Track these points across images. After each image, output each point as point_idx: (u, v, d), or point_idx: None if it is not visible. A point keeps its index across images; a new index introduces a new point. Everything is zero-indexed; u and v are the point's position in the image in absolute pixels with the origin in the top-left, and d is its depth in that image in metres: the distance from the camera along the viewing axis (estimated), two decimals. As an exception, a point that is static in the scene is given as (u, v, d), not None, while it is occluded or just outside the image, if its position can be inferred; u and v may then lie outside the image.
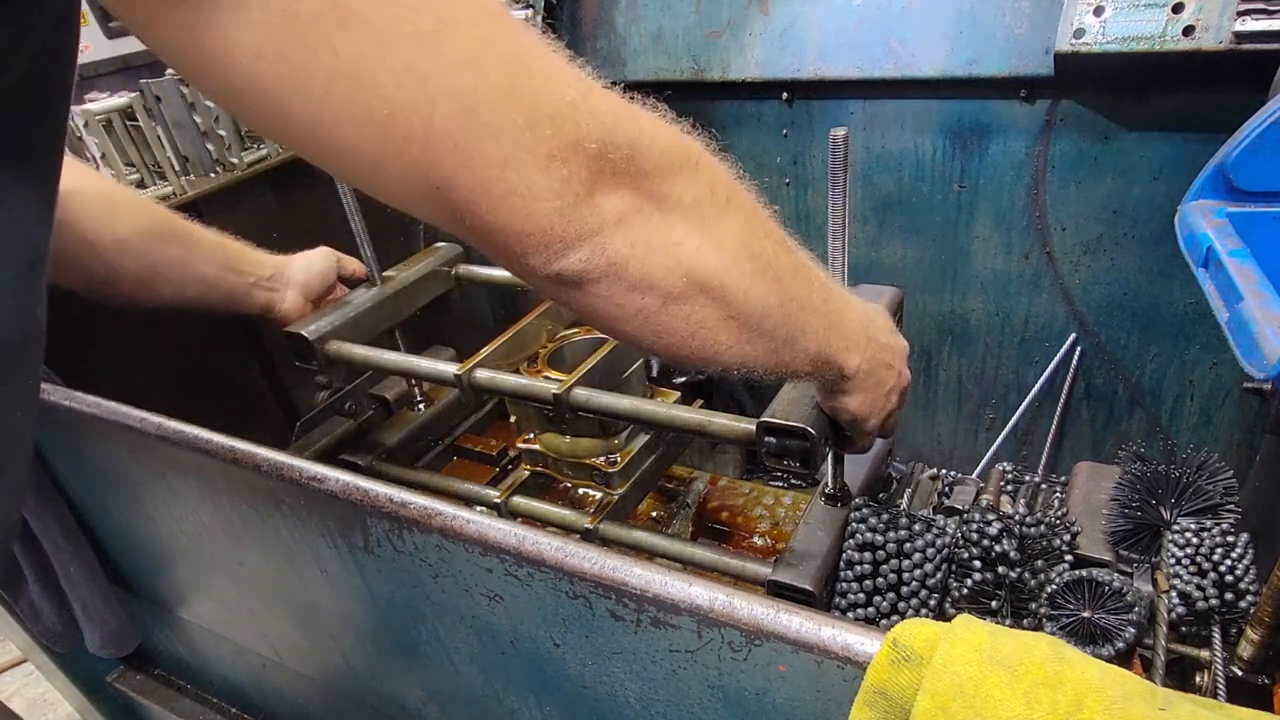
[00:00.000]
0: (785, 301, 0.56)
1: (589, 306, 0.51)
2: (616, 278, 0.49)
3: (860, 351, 0.68)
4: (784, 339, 0.58)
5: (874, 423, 0.77)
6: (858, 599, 0.89)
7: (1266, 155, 0.92)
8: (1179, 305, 1.48)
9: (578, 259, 0.47)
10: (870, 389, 0.72)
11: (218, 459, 0.78)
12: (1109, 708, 0.40)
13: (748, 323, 0.54)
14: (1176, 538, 0.85)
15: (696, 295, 0.51)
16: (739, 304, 0.53)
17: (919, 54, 1.45)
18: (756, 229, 0.55)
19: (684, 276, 0.50)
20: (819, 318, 0.61)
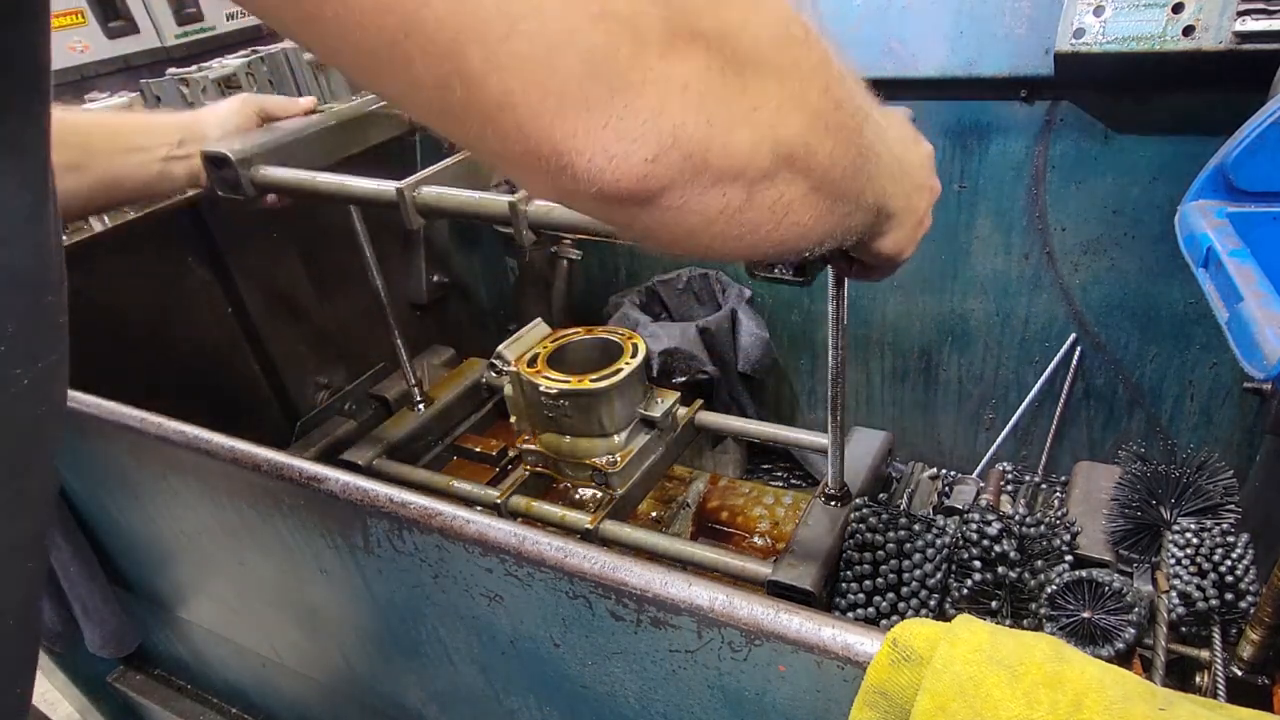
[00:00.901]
0: (859, 153, 0.47)
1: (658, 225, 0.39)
2: (695, 173, 0.37)
3: (899, 182, 0.57)
4: (854, 197, 0.49)
5: (908, 255, 0.66)
6: (858, 599, 0.89)
7: (1266, 155, 0.92)
8: (1179, 305, 1.48)
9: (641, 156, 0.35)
10: (907, 225, 0.62)
11: (218, 459, 0.78)
12: (1109, 708, 0.40)
13: (829, 190, 0.45)
14: (1176, 538, 0.85)
15: (782, 170, 0.41)
16: (822, 170, 0.43)
17: (919, 54, 1.45)
18: (831, 70, 0.43)
19: (771, 149, 0.39)
20: (878, 161, 0.51)
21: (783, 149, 0.40)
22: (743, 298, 1.82)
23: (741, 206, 0.40)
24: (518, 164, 0.35)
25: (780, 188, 0.41)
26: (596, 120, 0.33)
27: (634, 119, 0.34)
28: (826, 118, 0.42)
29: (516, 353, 1.18)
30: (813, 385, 2.01)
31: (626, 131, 0.34)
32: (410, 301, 1.86)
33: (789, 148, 0.40)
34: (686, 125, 0.35)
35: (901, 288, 1.73)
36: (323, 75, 1.72)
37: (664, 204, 0.38)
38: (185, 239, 1.37)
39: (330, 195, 1.00)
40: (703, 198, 0.38)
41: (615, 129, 0.34)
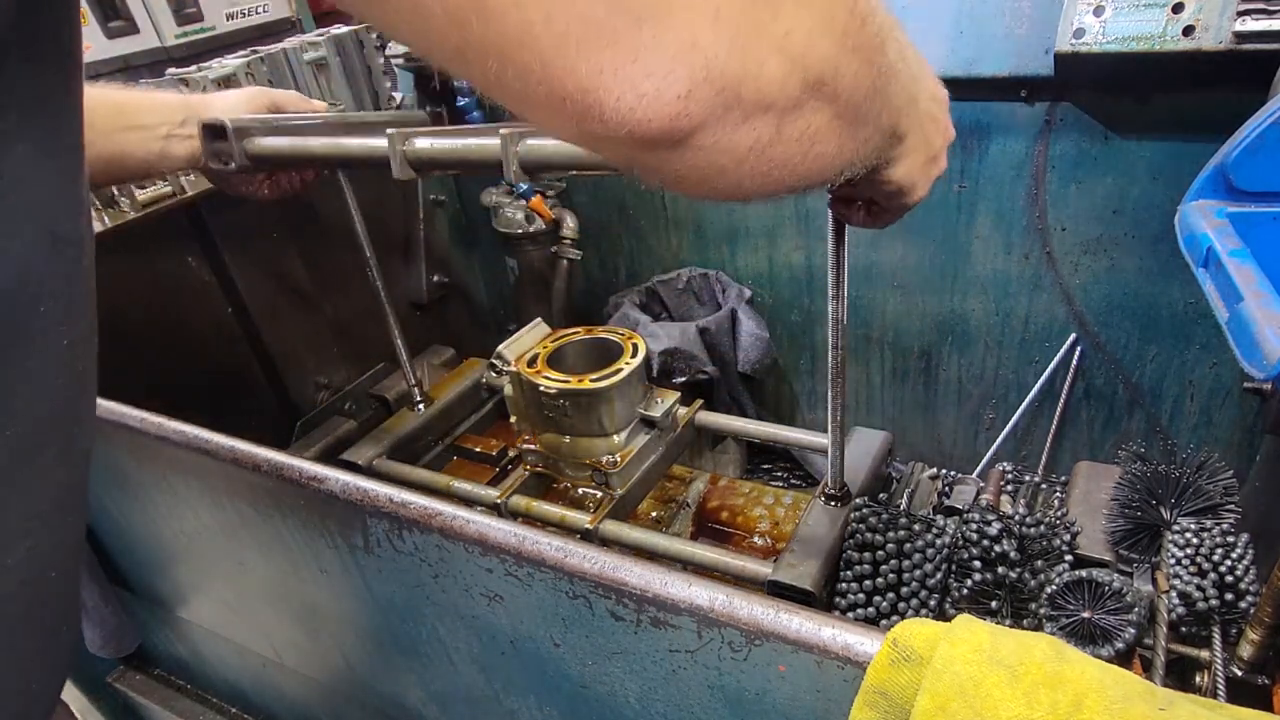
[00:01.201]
0: (879, 72, 0.43)
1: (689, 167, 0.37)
2: (727, 108, 0.34)
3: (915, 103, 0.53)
4: (874, 120, 0.46)
5: (921, 191, 0.63)
6: (858, 599, 0.89)
7: (1266, 155, 0.92)
8: (1179, 305, 1.48)
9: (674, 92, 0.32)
10: (920, 152, 0.58)
11: (218, 459, 0.78)
12: (1109, 708, 0.40)
13: (851, 114, 0.42)
14: (1176, 538, 0.85)
15: (810, 100, 0.38)
16: (847, 93, 0.40)
17: (919, 54, 1.45)
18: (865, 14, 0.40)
19: (801, 76, 0.36)
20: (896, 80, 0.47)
21: (812, 75, 0.37)
22: (743, 298, 1.82)
23: (772, 140, 0.38)
24: (542, 107, 0.33)
25: (808, 117, 0.39)
26: (624, 54, 0.31)
27: (664, 52, 0.31)
28: (854, 37, 0.39)
29: (516, 353, 1.18)
30: (813, 385, 2.01)
31: (657, 66, 0.32)
32: (410, 301, 1.86)
33: (818, 73, 0.37)
34: (720, 56, 0.33)
35: (901, 288, 1.73)
36: (323, 76, 1.72)
37: (696, 143, 0.35)
38: (185, 239, 1.37)
39: (324, 158, 1.00)
40: (734, 135, 0.36)
41: (645, 63, 0.31)
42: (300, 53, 1.67)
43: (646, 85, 0.32)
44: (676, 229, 1.94)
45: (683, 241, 1.95)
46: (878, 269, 1.72)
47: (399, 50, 1.81)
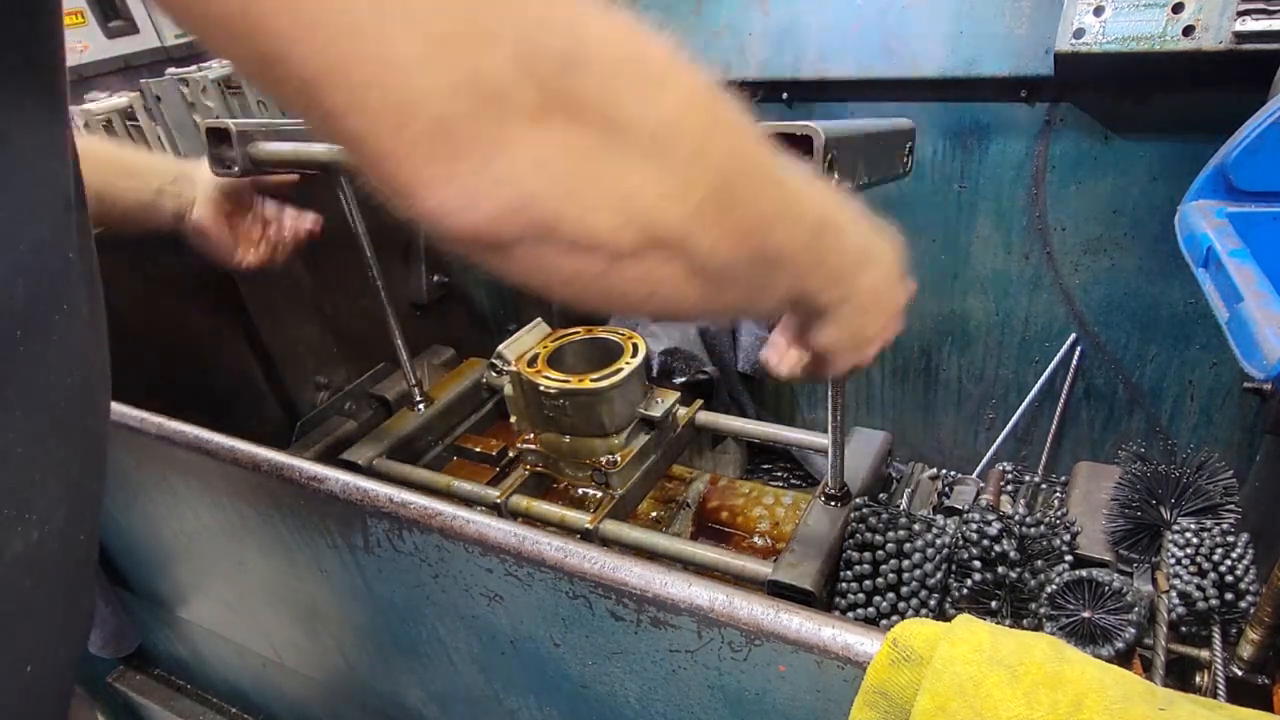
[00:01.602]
0: (763, 252, 0.46)
1: (514, 271, 0.40)
2: (543, 238, 0.37)
3: (844, 286, 0.58)
4: (758, 287, 0.49)
5: (847, 361, 0.65)
6: (858, 599, 0.89)
7: (1266, 155, 0.92)
8: (1179, 305, 1.48)
9: (484, 213, 0.35)
10: (848, 322, 0.61)
11: (218, 459, 0.78)
12: (1109, 708, 0.40)
13: (716, 278, 0.44)
14: (1176, 538, 0.85)
15: (653, 252, 0.40)
16: (704, 259, 0.42)
17: (919, 54, 1.45)
18: (737, 165, 0.42)
19: (639, 232, 0.38)
20: (802, 261, 0.51)
21: (655, 233, 0.39)
22: (743, 298, 1.82)
23: (603, 273, 0.40)
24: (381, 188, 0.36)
25: (649, 266, 0.41)
26: (440, 174, 0.33)
27: (480, 181, 0.34)
28: (717, 214, 0.41)
29: (516, 353, 1.18)
30: (813, 385, 2.01)
31: (471, 190, 0.34)
32: (410, 301, 1.86)
33: (663, 233, 0.40)
34: (539, 196, 0.35)
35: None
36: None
37: (514, 255, 0.38)
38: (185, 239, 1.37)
39: (326, 163, 1.01)
40: (555, 259, 0.38)
41: (460, 186, 0.34)
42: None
43: (456, 203, 0.34)
44: (676, 229, 1.94)
45: (683, 241, 1.95)
46: (878, 269, 1.72)
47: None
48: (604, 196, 0.37)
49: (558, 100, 0.34)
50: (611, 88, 0.36)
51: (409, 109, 0.31)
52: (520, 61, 0.33)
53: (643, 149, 0.37)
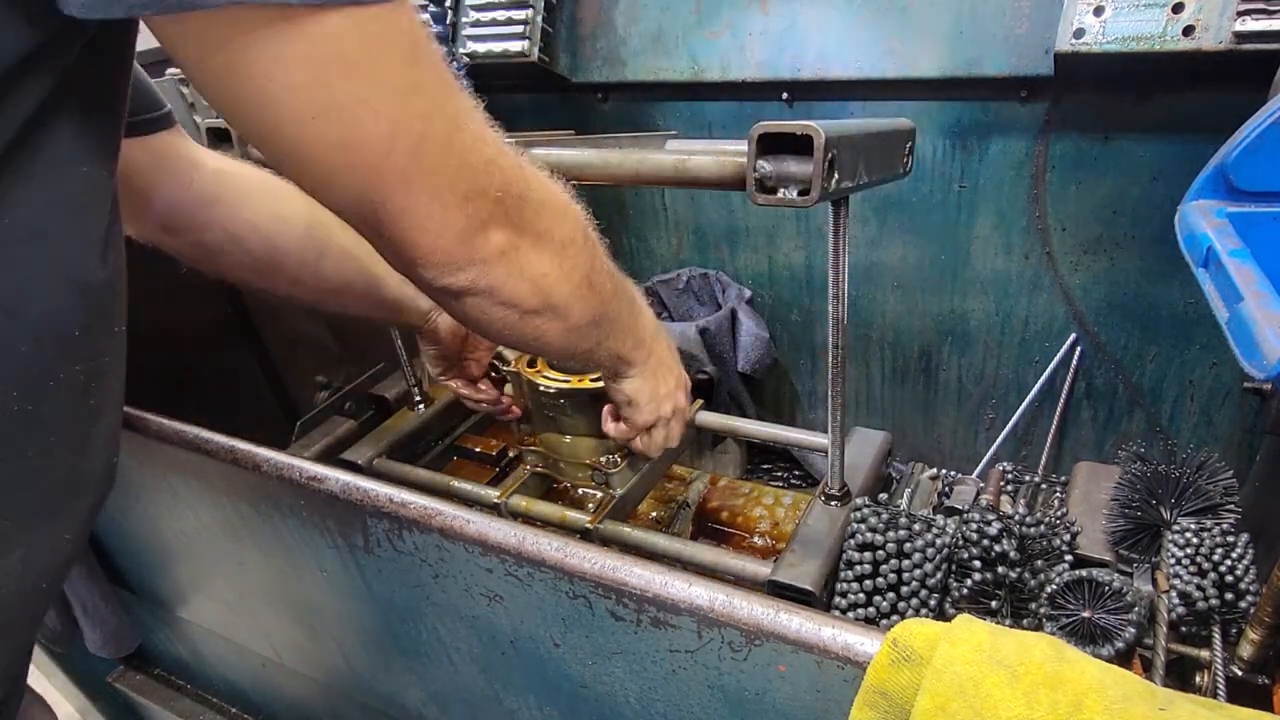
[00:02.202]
0: (604, 316, 0.74)
1: (463, 312, 0.63)
2: (490, 295, 0.61)
3: (646, 349, 0.87)
4: (598, 340, 0.76)
5: (646, 412, 0.92)
6: (858, 599, 0.89)
7: (1266, 155, 0.92)
8: (1179, 305, 1.48)
9: (465, 278, 0.59)
10: (648, 377, 0.89)
11: (218, 459, 0.78)
12: (1109, 708, 0.40)
13: (577, 331, 0.71)
14: (1176, 538, 0.85)
15: (547, 312, 0.66)
16: (575, 319, 0.69)
17: (919, 54, 1.45)
18: (597, 264, 0.70)
19: (541, 299, 0.64)
20: (625, 326, 0.80)
21: (550, 301, 0.65)
22: (743, 298, 1.82)
23: (516, 323, 0.65)
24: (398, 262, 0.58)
25: (543, 320, 0.66)
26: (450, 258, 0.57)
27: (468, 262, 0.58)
28: (583, 291, 0.68)
29: (516, 352, 1.18)
30: (813, 385, 2.01)
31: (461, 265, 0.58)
32: (410, 301, 1.85)
33: (553, 302, 0.65)
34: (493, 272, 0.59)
35: (901, 287, 1.73)
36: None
37: (469, 303, 0.61)
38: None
39: None
40: (492, 309, 0.62)
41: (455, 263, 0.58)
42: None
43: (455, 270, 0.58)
44: (676, 229, 1.94)
45: (683, 241, 1.95)
46: (878, 269, 1.72)
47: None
48: (527, 275, 0.62)
49: (514, 221, 0.59)
50: (540, 215, 0.61)
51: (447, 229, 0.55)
52: (499, 203, 0.57)
53: (553, 253, 0.63)
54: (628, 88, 1.77)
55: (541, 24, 1.66)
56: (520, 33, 1.66)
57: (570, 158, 0.84)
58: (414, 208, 0.53)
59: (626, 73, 1.71)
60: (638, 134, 1.08)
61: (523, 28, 1.66)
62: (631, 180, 0.82)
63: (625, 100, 1.81)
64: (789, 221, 1.79)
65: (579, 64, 1.75)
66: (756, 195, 0.69)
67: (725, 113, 1.74)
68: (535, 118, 1.91)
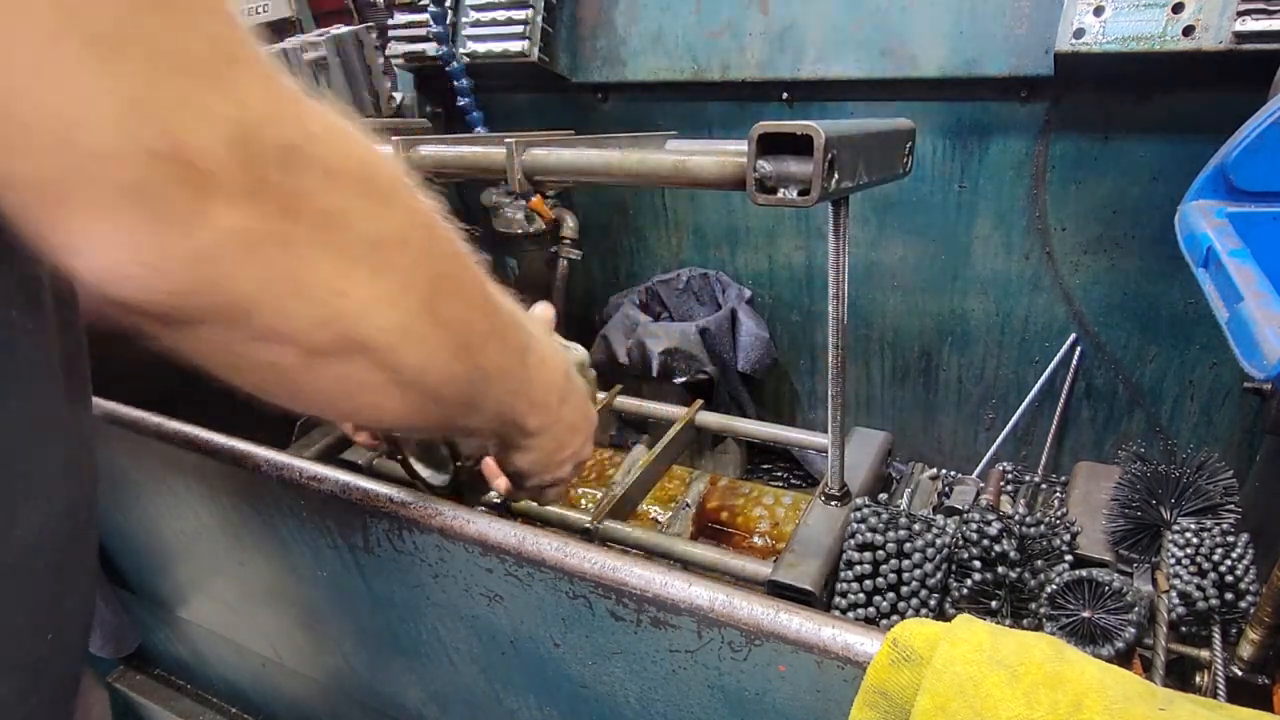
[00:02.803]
0: (473, 370, 0.49)
1: (190, 350, 0.38)
2: (233, 322, 0.36)
3: (546, 414, 0.63)
4: (465, 405, 0.51)
5: (535, 483, 0.72)
6: (858, 599, 0.89)
7: (1266, 155, 0.92)
8: (1179, 305, 1.48)
9: (169, 285, 0.33)
10: (546, 450, 0.67)
11: (218, 459, 0.78)
12: (1109, 708, 0.40)
13: (423, 391, 0.46)
14: (1176, 538, 0.85)
15: (355, 356, 0.40)
16: (413, 372, 0.44)
17: (919, 54, 1.45)
18: (451, 286, 0.45)
19: (339, 334, 0.39)
20: (509, 384, 0.55)
21: (358, 336, 0.39)
22: (743, 298, 1.82)
23: (294, 369, 0.40)
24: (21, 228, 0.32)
25: (350, 368, 0.41)
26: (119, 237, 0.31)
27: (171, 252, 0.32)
28: (430, 329, 0.43)
29: None
30: (813, 385, 2.01)
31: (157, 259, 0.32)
32: (410, 301, 1.85)
33: (367, 339, 0.40)
34: (236, 279, 0.34)
35: (901, 288, 1.73)
36: (322, 76, 1.72)
37: (195, 334, 0.36)
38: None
39: None
40: (243, 346, 0.38)
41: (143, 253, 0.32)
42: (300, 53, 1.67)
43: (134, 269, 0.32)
44: (676, 229, 1.94)
45: (683, 241, 1.95)
46: (878, 269, 1.72)
47: (399, 50, 1.81)
48: (306, 290, 0.36)
49: (271, 191, 0.34)
50: (334, 192, 0.36)
51: (91, 166, 0.29)
52: (234, 145, 0.32)
53: (356, 255, 0.38)
54: (628, 88, 1.77)
55: (541, 24, 1.66)
56: (520, 33, 1.66)
57: (570, 158, 0.84)
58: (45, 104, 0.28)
59: (626, 73, 1.71)
60: (638, 134, 1.07)
61: (523, 28, 1.66)
62: (631, 180, 0.81)
63: (625, 100, 1.81)
64: (789, 221, 1.78)
65: (579, 64, 1.75)
66: (756, 195, 0.69)
67: (725, 113, 1.74)
68: (535, 118, 1.91)
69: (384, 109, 1.86)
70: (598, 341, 1.84)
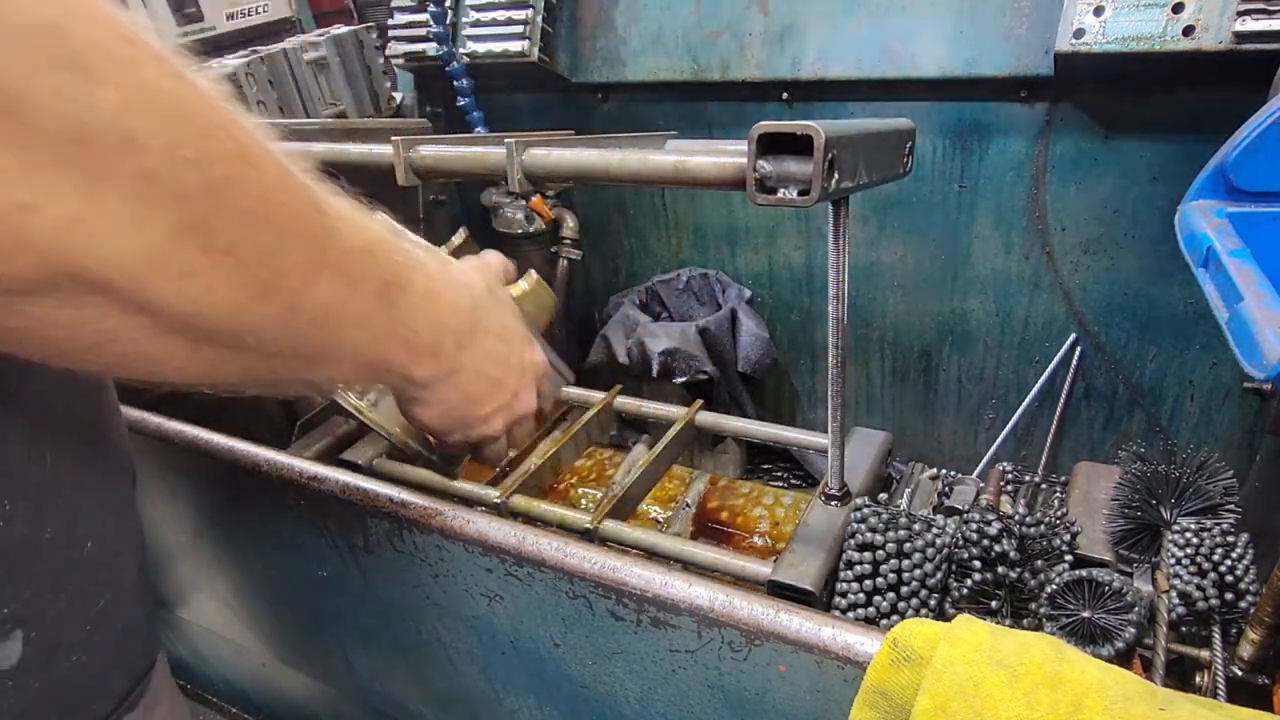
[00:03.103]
0: (291, 312, 0.38)
1: None
2: None
3: (437, 361, 0.50)
4: (297, 356, 0.41)
5: (457, 440, 0.59)
6: (858, 599, 0.89)
7: (1266, 155, 0.92)
8: (1179, 305, 1.48)
9: None
10: (450, 403, 0.54)
11: (218, 459, 0.78)
12: (1109, 708, 0.40)
13: (212, 340, 0.36)
14: (1176, 538, 0.85)
15: (84, 295, 0.31)
16: (184, 316, 0.34)
17: (919, 54, 1.45)
18: (236, 202, 0.34)
19: (46, 264, 0.30)
20: (368, 329, 0.43)
21: (72, 269, 0.30)
22: (743, 298, 1.82)
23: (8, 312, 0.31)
24: None
25: (79, 312, 0.32)
26: None
27: None
28: (196, 261, 0.33)
29: None
30: (813, 385, 2.01)
31: None
32: (410, 301, 1.85)
33: (89, 272, 0.31)
34: None
35: (901, 288, 1.73)
36: (323, 76, 1.72)
37: None
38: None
39: (328, 162, 0.99)
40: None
41: None
42: (300, 53, 1.67)
43: None
44: (676, 229, 1.94)
45: (683, 241, 1.95)
46: (878, 269, 1.72)
47: (399, 50, 1.81)
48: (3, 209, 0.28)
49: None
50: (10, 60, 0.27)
51: None
52: None
53: (45, 154, 0.28)
54: (628, 88, 1.77)
55: (541, 24, 1.66)
56: (520, 33, 1.66)
57: (570, 158, 0.84)
58: None
59: (626, 73, 1.71)
60: (638, 134, 1.07)
61: (523, 28, 1.66)
62: (631, 180, 0.81)
63: (625, 100, 1.81)
64: (789, 221, 1.78)
65: (579, 64, 1.75)
66: (756, 195, 0.69)
67: (725, 113, 1.74)
68: (535, 118, 1.91)
69: (384, 109, 1.86)
70: (598, 341, 1.84)
